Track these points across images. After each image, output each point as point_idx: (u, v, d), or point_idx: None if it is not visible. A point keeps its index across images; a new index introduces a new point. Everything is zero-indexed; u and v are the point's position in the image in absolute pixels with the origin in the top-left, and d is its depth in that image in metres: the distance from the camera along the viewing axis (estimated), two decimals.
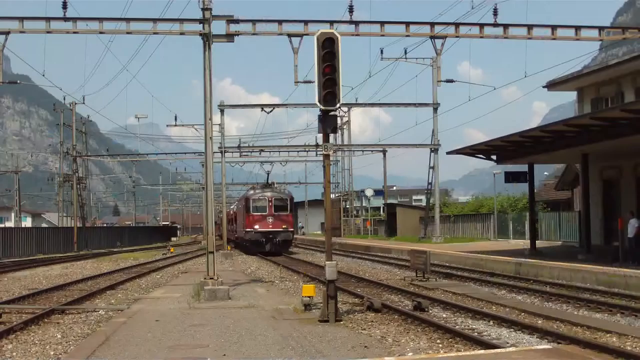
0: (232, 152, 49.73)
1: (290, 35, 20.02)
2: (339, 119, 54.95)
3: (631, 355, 9.80)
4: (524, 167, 31.77)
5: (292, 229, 42.62)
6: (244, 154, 52.63)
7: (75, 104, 57.95)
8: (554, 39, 21.90)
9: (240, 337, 11.71)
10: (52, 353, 11.10)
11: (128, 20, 19.75)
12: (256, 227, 41.19)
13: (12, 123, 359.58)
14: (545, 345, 10.62)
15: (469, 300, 17.15)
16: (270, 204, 41.60)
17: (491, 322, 13.52)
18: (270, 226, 41.08)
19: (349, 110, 59.89)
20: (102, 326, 13.66)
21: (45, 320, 14.74)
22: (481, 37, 21.81)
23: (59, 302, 18.10)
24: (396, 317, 14.18)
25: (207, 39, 19.04)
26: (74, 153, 59.80)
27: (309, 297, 15.11)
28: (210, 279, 18.65)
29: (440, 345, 11.08)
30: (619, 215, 25.75)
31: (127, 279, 25.58)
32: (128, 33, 19.74)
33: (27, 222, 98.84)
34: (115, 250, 60.56)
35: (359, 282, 22.79)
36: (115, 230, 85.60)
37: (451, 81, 42.21)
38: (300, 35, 19.95)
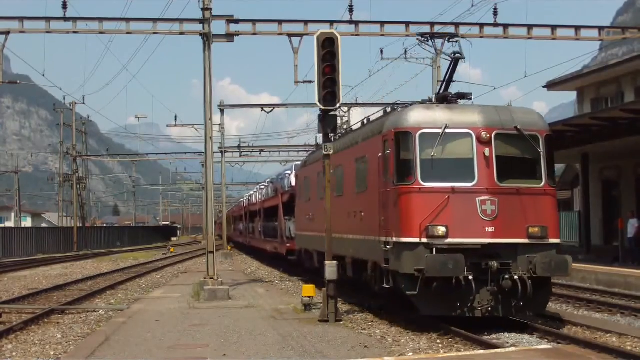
0: (232, 152, 49.66)
1: (290, 35, 20.01)
2: (339, 119, 54.87)
3: (631, 355, 9.80)
4: None
5: (557, 239, 12.69)
6: (244, 154, 52.53)
7: (75, 104, 57.99)
8: (554, 39, 21.90)
9: (240, 337, 11.71)
10: (52, 353, 11.10)
11: (128, 20, 19.76)
12: (438, 230, 12.06)
13: (12, 123, 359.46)
14: (545, 345, 10.62)
15: None
16: (487, 152, 12.38)
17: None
18: (492, 227, 12.13)
19: (349, 110, 59.84)
20: (102, 326, 13.66)
21: (45, 320, 14.74)
22: (481, 37, 21.79)
23: (59, 302, 18.11)
24: (396, 317, 14.15)
25: (207, 39, 19.04)
26: (74, 153, 59.80)
27: (309, 297, 15.10)
28: (210, 279, 18.65)
29: (440, 345, 11.07)
30: (619, 215, 25.76)
31: (127, 279, 25.60)
32: (128, 33, 19.74)
33: (27, 222, 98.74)
34: (115, 250, 60.60)
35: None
36: (115, 230, 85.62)
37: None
38: (300, 35, 19.95)
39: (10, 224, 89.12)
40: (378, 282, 13.85)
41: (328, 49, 13.44)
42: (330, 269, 13.49)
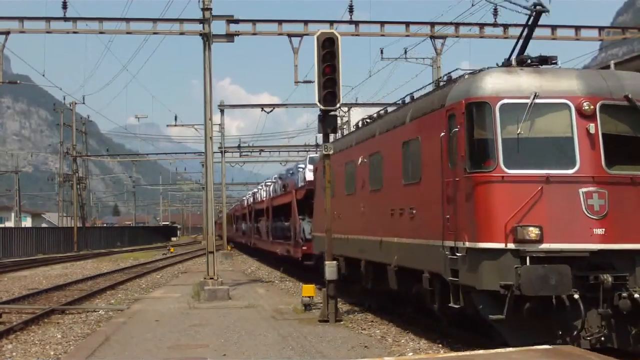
0: (232, 152, 49.71)
1: (290, 35, 20.03)
2: (339, 119, 54.81)
3: (631, 355, 9.79)
4: None
5: None
6: (244, 154, 52.59)
7: (75, 104, 58.02)
8: (554, 39, 21.91)
9: (240, 337, 11.71)
10: (52, 353, 11.11)
11: (128, 20, 19.80)
12: (530, 232, 9.00)
13: (12, 123, 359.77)
14: (545, 345, 10.60)
15: None
16: (592, 128, 9.31)
17: None
18: (602, 228, 9.11)
19: (349, 110, 59.85)
20: (102, 326, 13.67)
21: (45, 320, 14.75)
22: (481, 37, 21.84)
23: (59, 302, 18.12)
24: (396, 317, 14.16)
25: (207, 39, 19.06)
26: (74, 153, 59.83)
27: (309, 297, 15.11)
28: (210, 278, 18.66)
29: (440, 345, 11.06)
30: None
31: (127, 279, 25.61)
32: (128, 33, 19.78)
33: (27, 222, 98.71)
34: (115, 250, 60.65)
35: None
36: (115, 230, 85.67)
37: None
38: (300, 35, 19.98)
39: (10, 224, 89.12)
40: (439, 299, 10.70)
41: (328, 49, 13.46)
42: (330, 269, 13.51)
